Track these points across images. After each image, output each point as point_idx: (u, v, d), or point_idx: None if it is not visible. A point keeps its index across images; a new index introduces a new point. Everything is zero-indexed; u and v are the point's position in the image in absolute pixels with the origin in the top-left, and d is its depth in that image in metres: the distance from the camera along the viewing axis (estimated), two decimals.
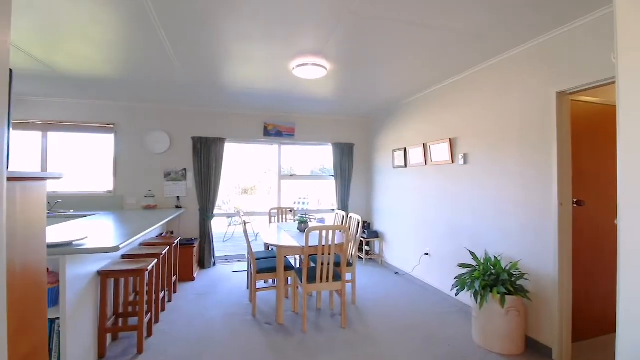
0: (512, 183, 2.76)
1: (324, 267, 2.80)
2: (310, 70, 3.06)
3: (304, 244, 2.77)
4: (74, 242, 2.05)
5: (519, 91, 2.70)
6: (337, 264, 3.20)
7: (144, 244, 3.38)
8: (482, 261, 2.70)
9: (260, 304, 3.38)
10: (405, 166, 4.38)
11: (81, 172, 4.57)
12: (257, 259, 3.39)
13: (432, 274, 3.82)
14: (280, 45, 2.67)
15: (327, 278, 2.84)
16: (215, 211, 4.94)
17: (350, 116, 5.49)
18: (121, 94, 4.16)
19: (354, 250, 3.36)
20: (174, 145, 4.78)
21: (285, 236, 3.28)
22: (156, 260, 2.77)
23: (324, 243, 2.76)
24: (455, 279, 2.77)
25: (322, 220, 9.05)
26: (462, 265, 2.80)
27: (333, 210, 5.60)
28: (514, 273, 2.55)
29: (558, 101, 2.40)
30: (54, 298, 1.95)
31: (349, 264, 3.33)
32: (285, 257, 3.09)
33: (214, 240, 4.92)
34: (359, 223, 3.44)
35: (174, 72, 3.36)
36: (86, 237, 2.15)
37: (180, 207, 4.74)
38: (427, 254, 3.89)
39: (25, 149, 4.38)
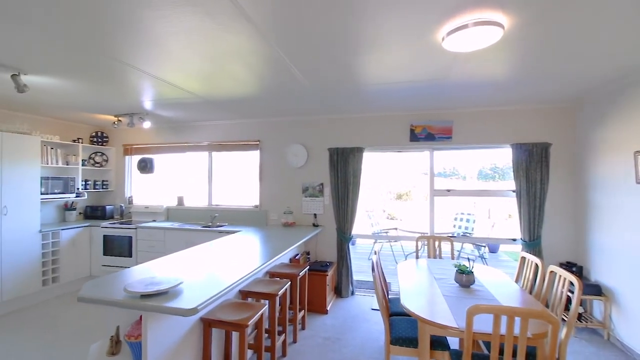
0: None
1: None
2: (474, 35, 1.87)
3: (463, 323, 1.65)
4: (170, 291, 1.78)
5: None
6: (531, 355, 1.87)
7: (271, 273, 3.06)
8: None
9: None
10: None
11: (234, 188, 4.91)
12: (392, 315, 2.45)
13: None
14: (417, 7, 1.67)
15: None
16: (358, 229, 4.33)
17: (542, 103, 3.67)
18: (262, 111, 4.15)
19: (564, 338, 1.90)
20: (311, 158, 4.45)
21: (436, 294, 2.20)
22: (268, 303, 2.31)
23: (502, 331, 1.55)
24: None
25: (495, 247, 6.88)
26: None
27: (514, 240, 3.91)
28: None
29: None
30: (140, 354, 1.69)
31: None
32: None
33: (352, 264, 4.28)
34: (571, 286, 1.95)
35: (301, 82, 2.95)
36: (181, 283, 1.84)
37: (317, 226, 4.35)
38: None
39: (196, 167, 5.08)
